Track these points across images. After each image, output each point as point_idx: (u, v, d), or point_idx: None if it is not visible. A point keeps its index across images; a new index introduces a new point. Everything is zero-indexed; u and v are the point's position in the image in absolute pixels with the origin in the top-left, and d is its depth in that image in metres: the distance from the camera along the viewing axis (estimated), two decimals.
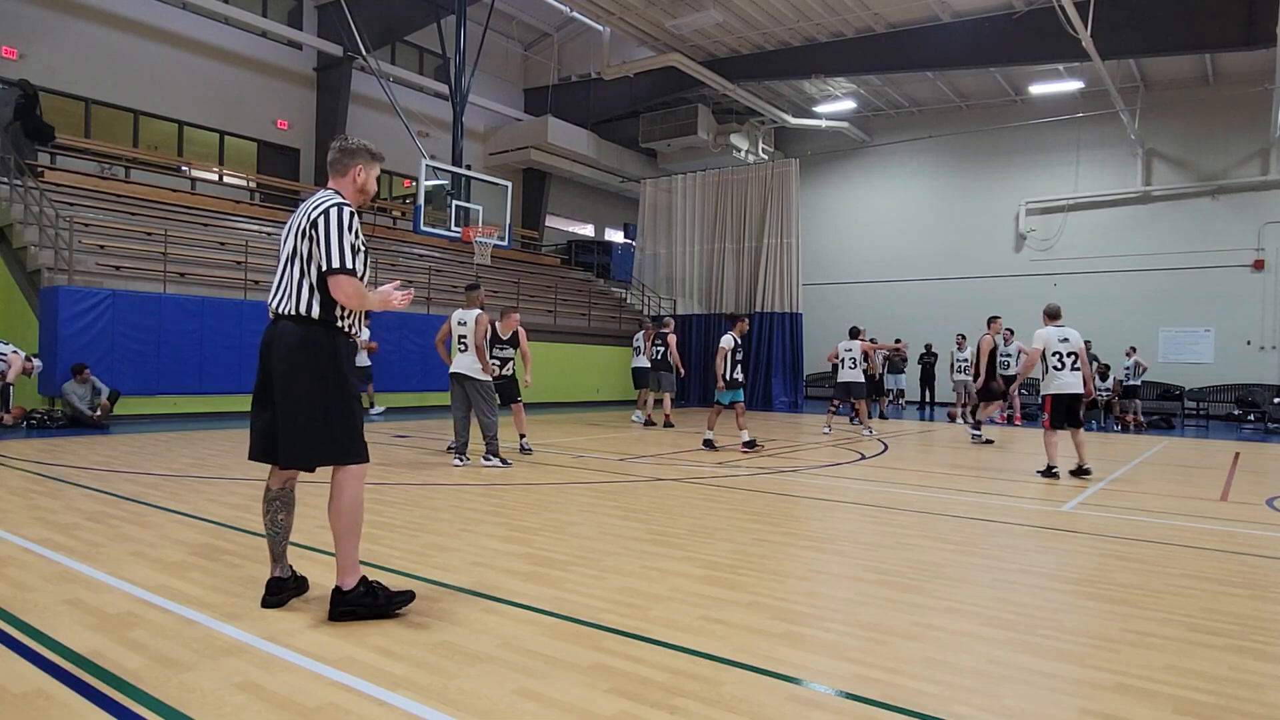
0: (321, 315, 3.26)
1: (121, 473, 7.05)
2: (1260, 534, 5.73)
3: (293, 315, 3.27)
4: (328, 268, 3.19)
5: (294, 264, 3.30)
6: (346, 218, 3.25)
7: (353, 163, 3.48)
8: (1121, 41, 16.26)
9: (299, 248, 3.29)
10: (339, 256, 3.19)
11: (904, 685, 2.77)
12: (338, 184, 3.47)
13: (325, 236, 3.21)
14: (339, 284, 3.19)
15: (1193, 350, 19.92)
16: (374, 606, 3.29)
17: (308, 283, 3.27)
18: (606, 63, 20.59)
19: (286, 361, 3.24)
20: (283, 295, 3.32)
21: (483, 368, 8.16)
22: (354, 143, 3.51)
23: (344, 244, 3.19)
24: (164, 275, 13.06)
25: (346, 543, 3.30)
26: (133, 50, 17.27)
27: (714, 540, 4.98)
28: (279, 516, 3.44)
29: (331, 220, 3.22)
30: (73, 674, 2.67)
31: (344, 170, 3.48)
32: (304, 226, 3.28)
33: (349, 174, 3.48)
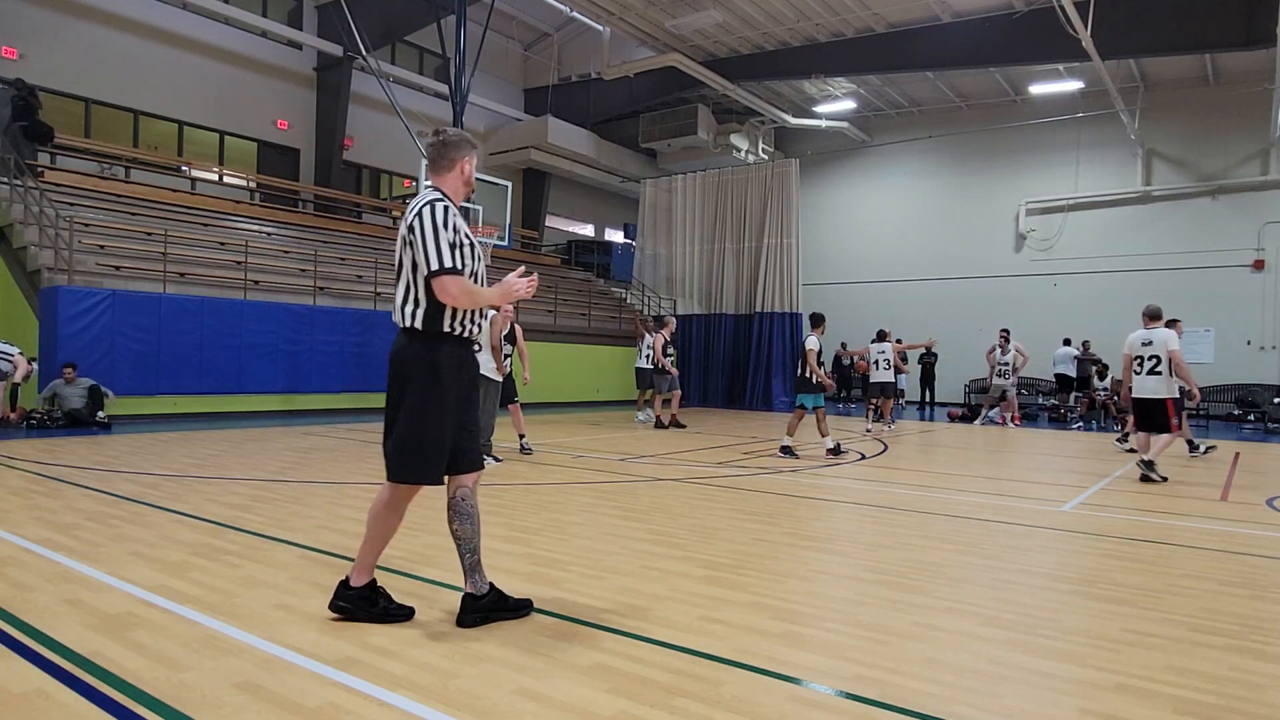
0: (426, 326, 3.16)
1: (121, 473, 7.05)
2: (1260, 534, 5.73)
3: (403, 328, 3.23)
4: (429, 270, 3.08)
5: (401, 273, 3.22)
6: (441, 214, 3.11)
7: (459, 155, 3.33)
8: (1121, 41, 16.26)
9: (403, 256, 3.20)
10: (437, 256, 3.06)
11: (904, 685, 2.77)
12: (441, 180, 3.32)
13: (422, 238, 3.09)
14: (443, 286, 3.07)
15: (1193, 350, 19.90)
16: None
17: (413, 292, 3.17)
18: (606, 63, 20.58)
19: (394, 375, 3.22)
20: (397, 307, 3.26)
21: (496, 367, 8.19)
22: (454, 134, 3.33)
23: (441, 242, 3.07)
24: (164, 275, 13.06)
25: (366, 544, 3.29)
26: (133, 50, 17.27)
27: (714, 540, 4.98)
28: (453, 527, 3.33)
29: (425, 220, 3.09)
30: (73, 674, 2.67)
31: (450, 164, 3.32)
32: (404, 234, 3.19)
33: (456, 167, 3.33)
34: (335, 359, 14.75)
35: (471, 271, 3.18)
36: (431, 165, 3.33)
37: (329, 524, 5.15)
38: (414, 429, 3.15)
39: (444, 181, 3.31)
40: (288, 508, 5.66)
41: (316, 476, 7.19)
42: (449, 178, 3.32)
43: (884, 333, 14.38)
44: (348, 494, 6.32)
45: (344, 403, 15.01)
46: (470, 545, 3.31)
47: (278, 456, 8.49)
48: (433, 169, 3.33)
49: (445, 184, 3.31)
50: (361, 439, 10.46)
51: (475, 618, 3.24)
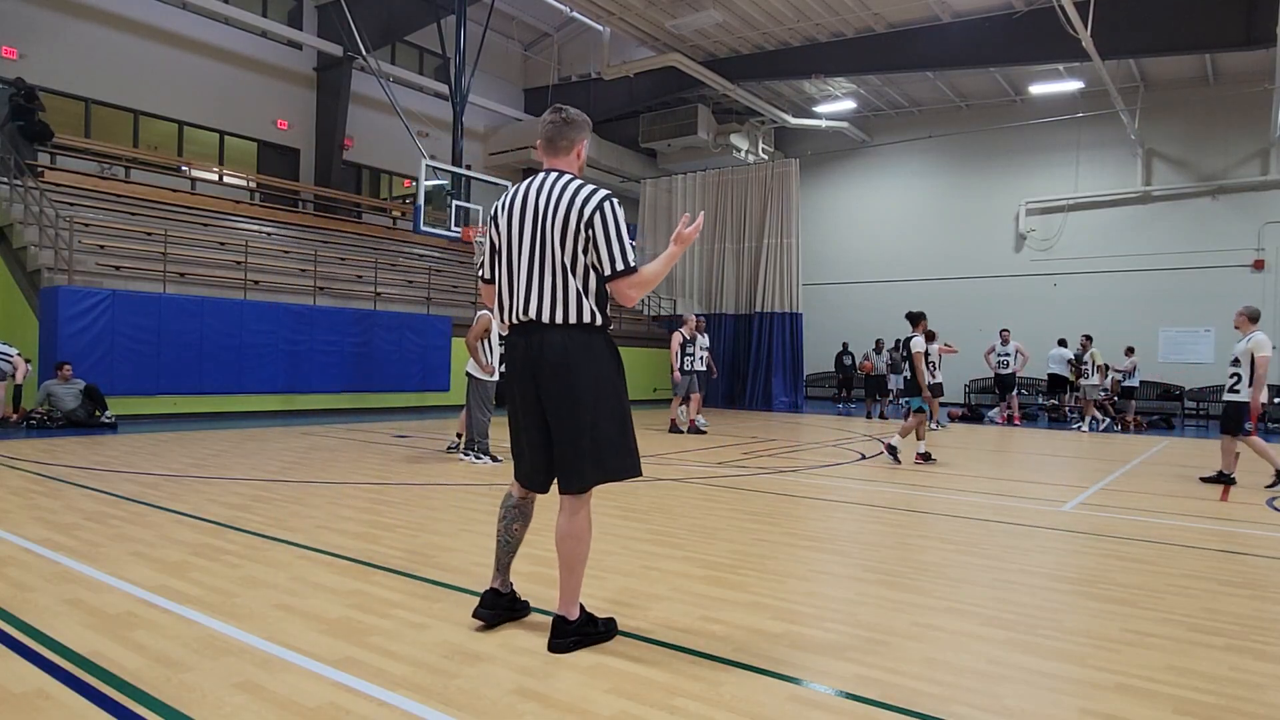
0: (602, 322, 2.98)
1: (121, 473, 7.05)
2: (1260, 534, 5.73)
3: (564, 324, 2.93)
4: (615, 270, 2.91)
5: (558, 262, 2.91)
6: (620, 212, 2.95)
7: (578, 136, 3.07)
8: (1121, 41, 16.25)
9: (567, 246, 2.90)
10: (623, 256, 2.90)
11: (904, 685, 2.77)
12: (561, 162, 3.06)
13: (606, 235, 2.89)
14: (628, 285, 2.92)
15: (1193, 350, 19.92)
16: (597, 635, 3.08)
17: (576, 284, 2.91)
18: (606, 63, 20.58)
19: (566, 378, 2.93)
20: (548, 301, 2.93)
21: (481, 367, 8.16)
22: (575, 113, 3.06)
23: (626, 241, 2.92)
24: (164, 275, 13.06)
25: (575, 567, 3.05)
26: (133, 50, 17.27)
27: (714, 540, 4.98)
28: (514, 526, 3.21)
29: (609, 217, 2.90)
30: (73, 674, 2.67)
31: (569, 146, 3.06)
32: (573, 222, 2.89)
33: (575, 149, 3.08)
34: (335, 359, 14.75)
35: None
36: (548, 145, 3.06)
37: (329, 524, 5.15)
38: (619, 423, 3.02)
39: (566, 164, 3.07)
40: (288, 508, 5.66)
41: (316, 476, 7.19)
42: (569, 161, 3.07)
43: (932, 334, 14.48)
44: (348, 494, 6.32)
45: (344, 403, 15.01)
46: (513, 545, 3.27)
47: (278, 456, 8.49)
48: (549, 150, 3.06)
49: (568, 167, 3.08)
50: (361, 439, 10.46)
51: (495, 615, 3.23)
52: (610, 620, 3.17)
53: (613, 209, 2.91)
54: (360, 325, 15.10)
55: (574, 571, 3.03)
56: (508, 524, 3.22)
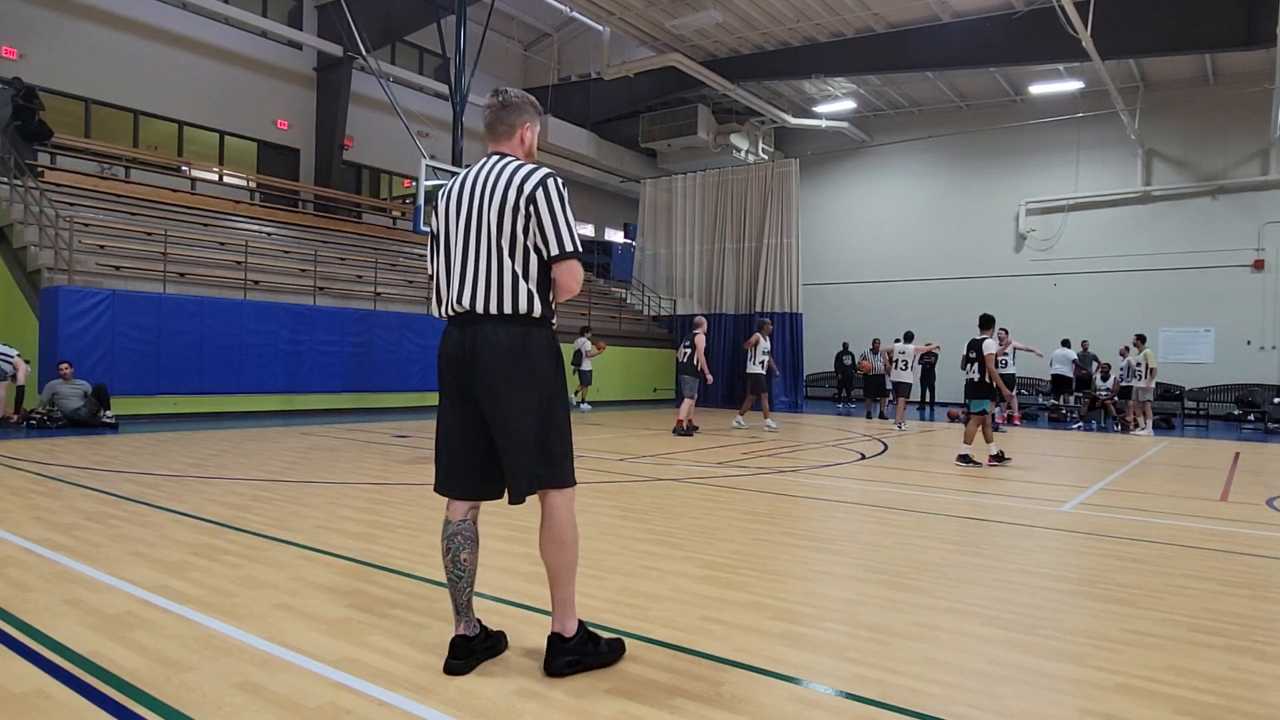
0: (545, 311, 2.76)
1: (121, 473, 7.05)
2: (1260, 534, 5.73)
3: (503, 314, 2.71)
4: (559, 252, 2.69)
5: (495, 248, 2.70)
6: (563, 189, 2.76)
7: (519, 120, 2.89)
8: (1121, 41, 16.26)
9: (504, 227, 2.69)
10: (570, 237, 2.71)
11: (904, 685, 2.77)
12: (504, 148, 2.89)
13: (550, 214, 2.69)
14: (571, 270, 2.73)
15: (1193, 350, 19.92)
16: (598, 655, 2.82)
17: (514, 271, 2.70)
18: (606, 63, 20.58)
19: (501, 373, 2.70)
20: (483, 289, 2.71)
21: None
22: (515, 95, 2.89)
23: (570, 221, 2.72)
24: (164, 275, 13.06)
25: (568, 582, 2.83)
26: (133, 50, 17.27)
27: (714, 540, 4.98)
28: (462, 555, 2.82)
29: (553, 194, 2.70)
30: (73, 674, 2.67)
31: (510, 130, 2.89)
32: (514, 201, 2.69)
33: (516, 134, 2.90)
34: (335, 359, 14.75)
35: None
36: (489, 130, 2.90)
37: (329, 524, 5.15)
38: (563, 424, 2.83)
39: (510, 149, 2.90)
40: (287, 508, 5.66)
41: (316, 476, 7.19)
42: (511, 146, 2.90)
43: (910, 334, 15.01)
44: (347, 494, 6.32)
45: (344, 403, 15.01)
46: (470, 576, 2.88)
47: (277, 456, 8.49)
48: (491, 135, 2.90)
49: (511, 152, 2.90)
50: (361, 439, 10.46)
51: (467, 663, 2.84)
52: (616, 641, 2.93)
53: (557, 186, 2.73)
54: (360, 325, 15.10)
55: (562, 582, 2.81)
56: (454, 555, 2.82)
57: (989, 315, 9.52)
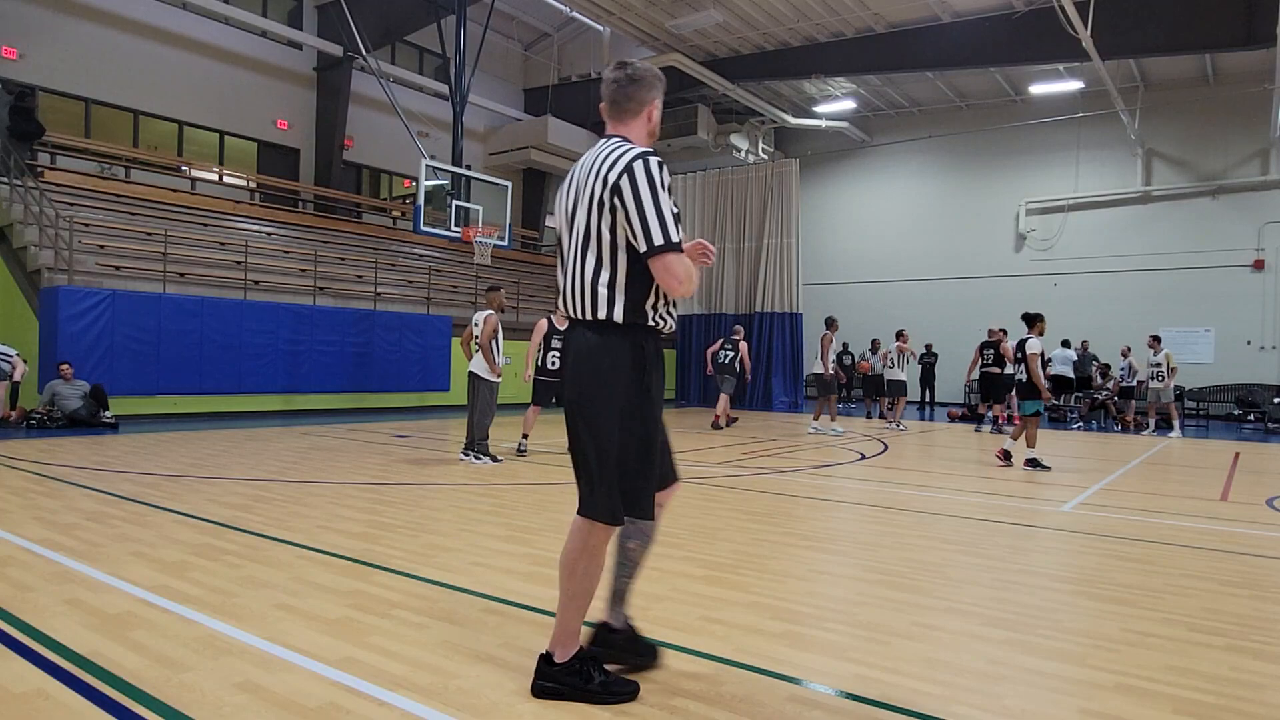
0: (629, 316, 2.46)
1: (121, 473, 7.05)
2: (1260, 534, 5.73)
3: (585, 319, 2.51)
4: (650, 246, 2.34)
5: (583, 245, 2.47)
6: (658, 172, 2.37)
7: (648, 96, 2.58)
8: (1121, 41, 16.25)
9: (590, 223, 2.44)
10: (662, 228, 2.34)
11: (904, 685, 2.77)
12: (625, 128, 2.57)
13: (637, 203, 2.35)
14: (669, 266, 2.36)
15: (1193, 350, 19.91)
16: (585, 691, 2.55)
17: (596, 270, 2.46)
18: (606, 62, 20.57)
19: (576, 386, 2.53)
20: (575, 291, 2.51)
21: (490, 368, 8.23)
22: (643, 69, 2.56)
23: (664, 210, 2.35)
24: (164, 275, 13.06)
25: (568, 606, 2.60)
26: (133, 50, 17.27)
27: (714, 540, 4.98)
28: (628, 544, 2.72)
29: (641, 179, 2.35)
30: (73, 674, 2.67)
31: (637, 108, 2.56)
32: (600, 195, 2.41)
33: (644, 112, 2.58)
34: (335, 359, 14.75)
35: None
36: (611, 108, 2.58)
37: (329, 524, 5.16)
38: (636, 450, 2.47)
39: (631, 130, 2.58)
40: (287, 508, 5.66)
41: (316, 476, 7.19)
42: (634, 125, 2.58)
43: (901, 333, 15.12)
44: (347, 494, 6.32)
45: (344, 403, 15.01)
46: (631, 564, 2.79)
47: (278, 456, 8.49)
48: (612, 113, 2.58)
49: (632, 133, 2.58)
50: (361, 439, 10.46)
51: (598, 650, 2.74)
52: (621, 682, 2.62)
53: (646, 169, 2.36)
54: (360, 325, 15.10)
55: (562, 606, 2.59)
56: (620, 541, 2.75)
57: (1034, 314, 9.18)
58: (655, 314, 2.51)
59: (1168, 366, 14.94)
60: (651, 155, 2.40)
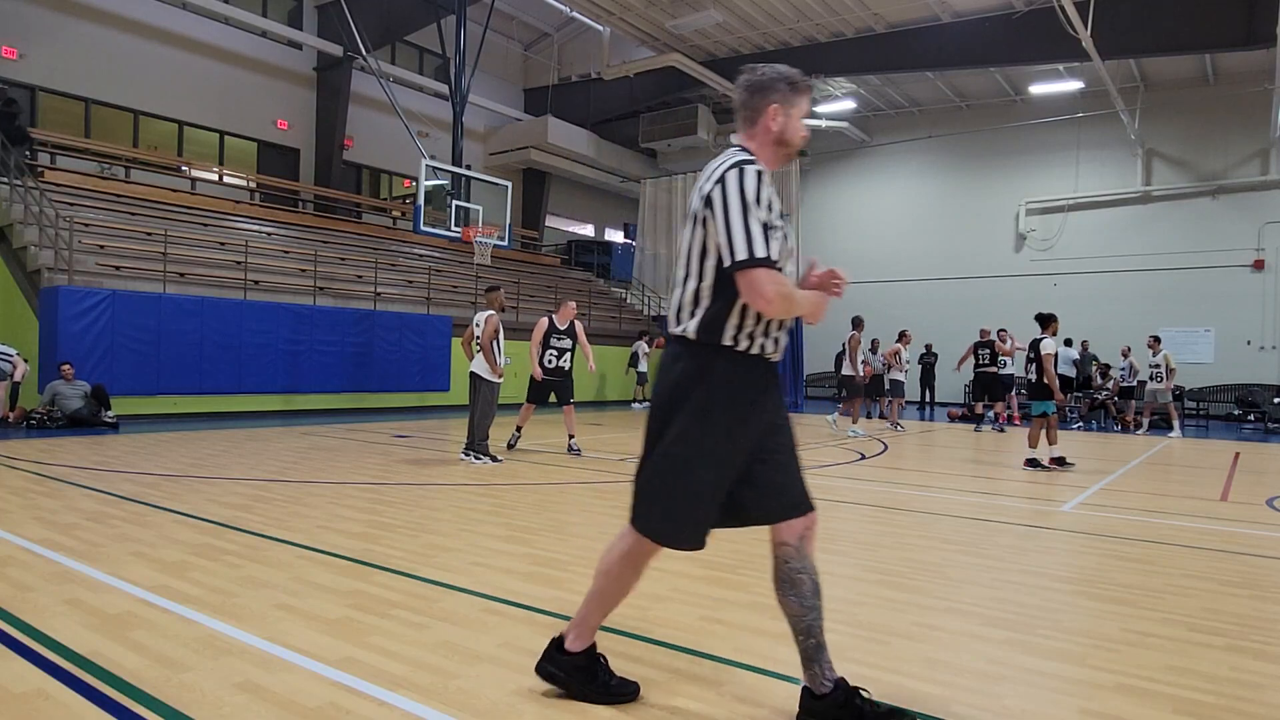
0: (703, 334, 2.32)
1: (121, 473, 7.05)
2: (1260, 534, 5.73)
3: (681, 336, 2.38)
4: (733, 260, 2.21)
5: (682, 261, 2.39)
6: (753, 182, 2.24)
7: (764, 102, 2.40)
8: (1121, 41, 16.26)
9: (689, 237, 2.35)
10: (746, 241, 2.19)
11: (904, 685, 2.77)
12: (746, 137, 2.44)
13: (725, 214, 2.23)
14: (755, 282, 2.19)
15: (1193, 350, 19.92)
16: (582, 685, 2.55)
17: (693, 285, 2.34)
18: (606, 63, 20.59)
19: (655, 400, 2.44)
20: (674, 305, 2.43)
21: (491, 368, 8.25)
22: (764, 72, 2.42)
23: (751, 222, 2.20)
24: (164, 275, 13.06)
25: (593, 601, 2.58)
26: (133, 50, 17.27)
27: (714, 540, 4.96)
28: (780, 597, 2.52)
29: (731, 189, 2.23)
30: (73, 674, 2.67)
31: (753, 115, 2.41)
32: (695, 206, 2.33)
33: (761, 119, 2.41)
34: (335, 359, 14.75)
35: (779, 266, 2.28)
36: (736, 115, 2.49)
37: (329, 524, 5.16)
38: (670, 471, 2.36)
39: (748, 138, 2.43)
40: (288, 508, 5.66)
41: (316, 476, 7.19)
42: (753, 133, 2.43)
43: (904, 333, 15.27)
44: (347, 494, 6.32)
45: (344, 403, 15.01)
46: (803, 624, 2.45)
47: (278, 456, 8.49)
48: (738, 122, 2.47)
49: (752, 141, 2.42)
50: (361, 439, 10.47)
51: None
52: (625, 683, 2.59)
53: (738, 179, 2.24)
54: (360, 325, 15.10)
55: (588, 599, 2.59)
56: (782, 590, 2.51)
57: (1048, 314, 9.10)
58: (740, 334, 2.32)
59: (1166, 367, 14.94)
60: (750, 165, 2.27)
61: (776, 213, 2.29)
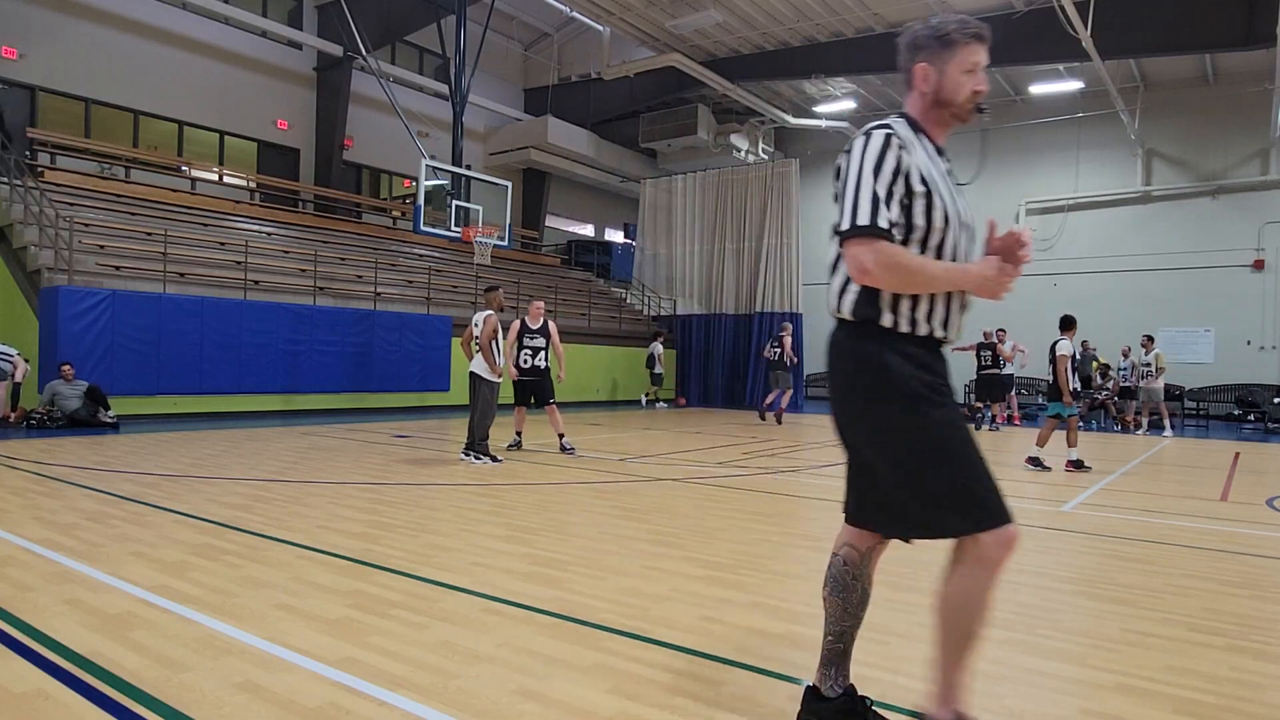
0: (857, 312, 2.15)
1: (121, 473, 7.05)
2: (1260, 534, 5.73)
3: (838, 317, 2.25)
4: (839, 227, 2.06)
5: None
6: (877, 147, 2.06)
7: (912, 61, 2.21)
8: (1121, 41, 16.26)
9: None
10: (851, 211, 2.03)
11: (904, 685, 2.77)
12: (908, 102, 2.25)
13: (844, 180, 2.09)
14: (854, 255, 2.03)
15: (1193, 350, 19.91)
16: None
17: (835, 264, 2.22)
18: (606, 63, 20.59)
19: (834, 385, 2.27)
20: (830, 286, 2.27)
21: (490, 368, 8.28)
22: (909, 32, 2.23)
23: (863, 189, 2.03)
24: (164, 275, 13.06)
25: (947, 651, 2.15)
26: (133, 50, 17.27)
27: (714, 540, 4.98)
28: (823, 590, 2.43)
29: (852, 157, 2.09)
30: (73, 674, 2.67)
31: (908, 78, 2.22)
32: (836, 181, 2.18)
33: (913, 80, 2.21)
34: (335, 359, 14.75)
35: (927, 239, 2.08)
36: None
37: (329, 524, 5.16)
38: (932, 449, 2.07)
39: (908, 101, 2.25)
40: (287, 508, 5.66)
41: (316, 476, 7.19)
42: (910, 96, 2.24)
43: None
44: (347, 494, 6.32)
45: (343, 403, 15.01)
46: (838, 628, 2.38)
47: (278, 456, 8.49)
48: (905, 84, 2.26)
49: (909, 105, 2.24)
50: (361, 439, 10.47)
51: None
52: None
53: (861, 145, 2.09)
54: (360, 325, 15.10)
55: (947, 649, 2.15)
56: (830, 589, 2.40)
57: (1069, 316, 9.11)
58: (902, 312, 2.11)
59: (1156, 366, 15.09)
60: (879, 128, 2.10)
61: (920, 176, 2.06)
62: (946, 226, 2.09)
